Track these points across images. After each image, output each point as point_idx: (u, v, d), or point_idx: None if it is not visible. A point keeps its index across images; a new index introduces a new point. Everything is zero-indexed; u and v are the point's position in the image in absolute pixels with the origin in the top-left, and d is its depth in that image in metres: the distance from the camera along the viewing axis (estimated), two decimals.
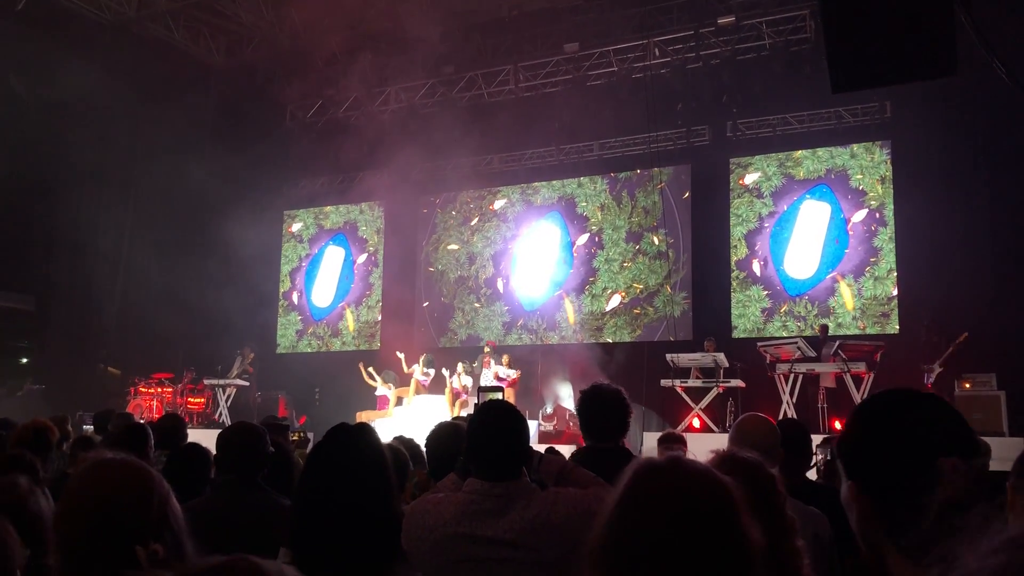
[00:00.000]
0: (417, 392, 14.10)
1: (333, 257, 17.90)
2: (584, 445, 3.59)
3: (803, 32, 13.35)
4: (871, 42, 5.59)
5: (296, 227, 18.19)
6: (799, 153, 13.90)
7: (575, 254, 15.46)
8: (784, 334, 13.23)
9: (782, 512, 1.97)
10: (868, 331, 12.73)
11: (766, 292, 13.88)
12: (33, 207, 15.62)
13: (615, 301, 14.95)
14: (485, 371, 13.46)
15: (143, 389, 15.04)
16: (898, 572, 1.20)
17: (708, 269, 14.61)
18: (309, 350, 17.58)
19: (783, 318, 13.64)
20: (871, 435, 1.28)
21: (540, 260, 15.92)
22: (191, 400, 15.04)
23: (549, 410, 13.71)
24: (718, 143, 14.84)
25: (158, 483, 1.61)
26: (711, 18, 13.59)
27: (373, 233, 17.23)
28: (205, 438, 5.35)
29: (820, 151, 13.81)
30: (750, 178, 14.26)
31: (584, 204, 15.46)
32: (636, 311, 14.73)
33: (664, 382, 11.86)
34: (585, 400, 3.37)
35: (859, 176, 13.46)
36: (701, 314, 14.50)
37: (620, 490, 1.26)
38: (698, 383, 12.06)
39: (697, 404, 11.75)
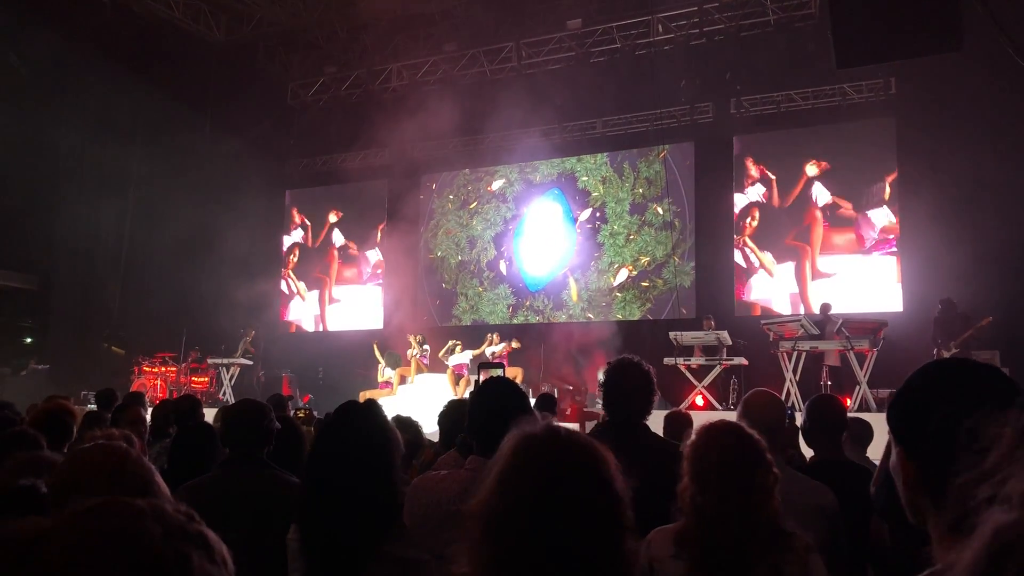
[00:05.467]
0: (419, 371, 14.18)
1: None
2: (602, 421, 3.53)
3: (807, 8, 13.25)
4: (876, 18, 5.55)
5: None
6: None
7: (579, 230, 15.29)
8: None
9: (766, 475, 2.07)
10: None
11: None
12: (35, 186, 15.60)
13: (623, 275, 14.77)
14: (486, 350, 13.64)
15: (147, 368, 15.08)
16: (939, 538, 1.20)
17: (712, 246, 14.59)
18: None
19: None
20: (916, 400, 1.27)
21: (543, 239, 15.79)
22: (195, 379, 15.08)
23: (545, 388, 13.72)
24: (722, 120, 14.76)
25: (133, 462, 1.73)
26: None
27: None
28: (209, 417, 5.39)
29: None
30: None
31: (585, 179, 15.29)
32: (644, 284, 14.57)
33: (667, 360, 11.86)
34: (610, 375, 3.21)
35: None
36: (704, 291, 14.52)
37: (498, 460, 1.33)
38: (701, 360, 12.07)
39: (700, 382, 11.76)
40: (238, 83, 15.93)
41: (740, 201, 14.47)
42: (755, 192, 14.33)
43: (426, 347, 14.33)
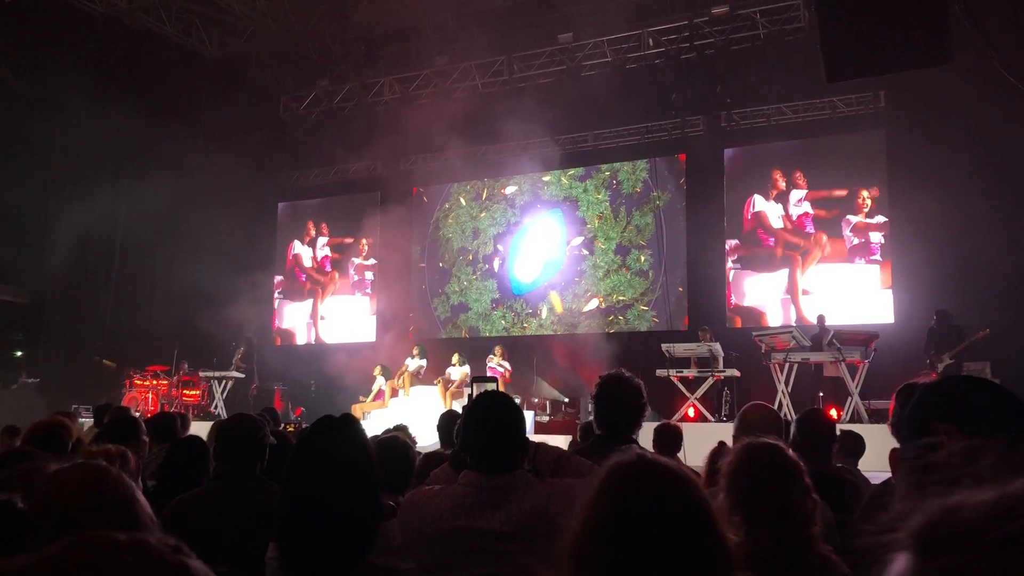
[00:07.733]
0: (412, 383, 14.12)
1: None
2: (594, 435, 3.51)
3: (797, 21, 13.33)
4: (866, 31, 5.59)
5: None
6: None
7: (568, 253, 15.92)
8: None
9: (803, 498, 2.01)
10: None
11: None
12: (27, 200, 15.56)
13: (593, 304, 15.57)
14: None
15: (138, 382, 15.01)
16: None
17: (703, 258, 14.64)
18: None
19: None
20: (902, 403, 1.39)
21: (536, 250, 16.26)
22: (186, 392, 15.01)
23: (536, 400, 13.71)
24: (713, 133, 14.83)
25: (114, 482, 1.73)
26: (705, 8, 13.55)
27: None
28: (200, 430, 5.35)
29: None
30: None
31: (585, 209, 15.85)
32: (609, 318, 15.35)
33: (659, 372, 11.87)
34: (602, 389, 3.20)
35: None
36: (696, 304, 14.56)
37: (595, 489, 1.31)
38: (694, 372, 12.08)
39: (692, 394, 11.77)
40: (230, 96, 15.93)
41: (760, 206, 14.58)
42: (775, 209, 14.36)
43: (423, 362, 14.26)
